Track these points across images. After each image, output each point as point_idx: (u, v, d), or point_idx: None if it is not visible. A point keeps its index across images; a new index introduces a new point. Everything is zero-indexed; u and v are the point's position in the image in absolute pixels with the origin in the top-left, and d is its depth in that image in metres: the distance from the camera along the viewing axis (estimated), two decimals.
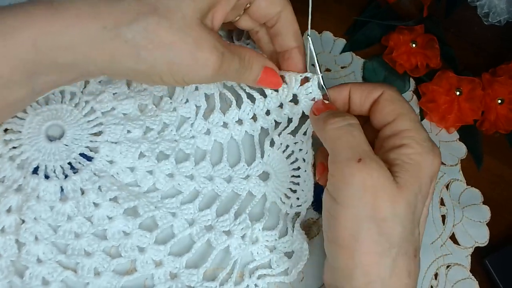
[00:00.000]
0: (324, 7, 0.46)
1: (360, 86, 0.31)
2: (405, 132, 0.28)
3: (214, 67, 0.27)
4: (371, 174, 0.26)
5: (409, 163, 0.27)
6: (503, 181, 0.42)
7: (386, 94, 0.30)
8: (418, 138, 0.28)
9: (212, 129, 0.36)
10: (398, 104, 0.29)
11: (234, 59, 0.29)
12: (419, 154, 0.28)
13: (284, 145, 0.34)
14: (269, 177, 0.35)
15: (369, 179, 0.26)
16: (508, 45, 0.47)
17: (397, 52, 0.43)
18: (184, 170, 0.35)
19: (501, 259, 0.37)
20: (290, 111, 0.34)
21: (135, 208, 0.33)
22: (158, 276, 0.32)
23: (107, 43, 0.25)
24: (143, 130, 0.35)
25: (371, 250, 0.26)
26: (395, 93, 0.30)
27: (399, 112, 0.29)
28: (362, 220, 0.26)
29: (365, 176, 0.26)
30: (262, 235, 0.34)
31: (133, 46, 0.25)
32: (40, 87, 0.27)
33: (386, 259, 0.26)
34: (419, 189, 0.27)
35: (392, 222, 0.26)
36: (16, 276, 0.30)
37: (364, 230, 0.26)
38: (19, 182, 0.32)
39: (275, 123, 0.36)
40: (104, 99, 0.35)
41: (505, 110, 0.42)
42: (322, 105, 0.32)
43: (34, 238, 0.31)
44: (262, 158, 0.35)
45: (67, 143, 0.34)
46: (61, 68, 0.26)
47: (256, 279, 0.33)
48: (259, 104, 0.35)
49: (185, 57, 0.26)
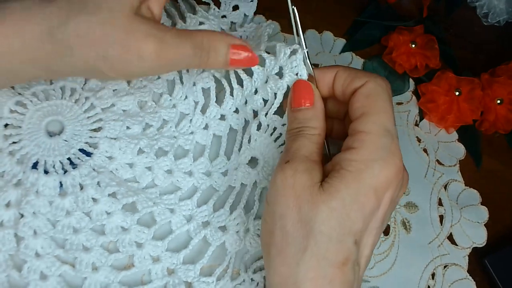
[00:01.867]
0: (324, 7, 0.46)
1: (346, 71, 0.29)
2: (361, 134, 0.26)
3: (151, 56, 0.26)
4: (292, 174, 0.26)
5: (346, 170, 0.25)
6: (502, 181, 0.42)
7: (365, 87, 0.27)
8: (372, 144, 0.26)
9: (210, 123, 0.36)
10: (370, 100, 0.27)
11: (183, 45, 0.27)
12: (363, 161, 0.25)
13: (272, 127, 0.33)
14: (258, 162, 0.35)
15: (289, 178, 0.26)
16: (507, 45, 0.47)
17: (397, 52, 0.43)
18: (183, 166, 0.35)
19: (500, 259, 0.37)
20: (275, 85, 0.32)
21: (133, 204, 0.33)
22: (156, 271, 0.32)
23: (46, 46, 0.26)
24: (142, 126, 0.35)
25: (282, 250, 0.26)
26: (377, 87, 0.27)
27: (366, 110, 0.26)
28: (278, 218, 0.26)
29: (286, 175, 0.26)
30: (253, 225, 0.34)
31: (67, 46, 0.26)
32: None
33: (297, 263, 0.25)
34: (353, 198, 0.25)
35: (307, 225, 0.25)
36: (14, 270, 0.30)
37: (278, 228, 0.26)
38: (18, 176, 0.32)
39: (263, 102, 0.34)
40: (104, 95, 0.35)
41: (505, 110, 0.42)
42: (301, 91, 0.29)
43: (33, 233, 0.31)
44: (249, 144, 0.34)
45: (67, 138, 0.34)
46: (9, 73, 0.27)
47: (252, 273, 0.33)
48: (247, 85, 0.34)
49: (116, 49, 0.26)
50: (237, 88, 0.35)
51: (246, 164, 0.35)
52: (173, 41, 0.27)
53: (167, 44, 0.27)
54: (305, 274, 0.25)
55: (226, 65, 0.30)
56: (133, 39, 0.26)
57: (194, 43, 0.28)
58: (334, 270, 0.25)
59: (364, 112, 0.26)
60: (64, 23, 0.26)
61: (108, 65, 0.26)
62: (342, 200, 0.25)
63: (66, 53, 0.26)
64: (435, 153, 0.42)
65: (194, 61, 0.28)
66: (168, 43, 0.27)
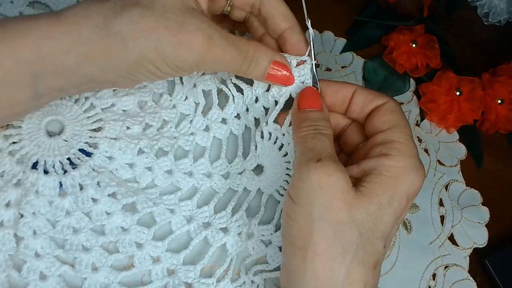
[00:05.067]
0: (324, 7, 0.46)
1: (365, 89, 0.31)
2: (395, 143, 0.28)
3: (199, 49, 0.27)
4: (329, 173, 0.26)
5: (384, 176, 0.27)
6: (503, 181, 0.41)
7: (389, 104, 0.30)
8: (406, 152, 0.27)
9: (211, 125, 0.36)
10: (397, 116, 0.29)
11: (229, 48, 0.28)
12: (400, 168, 0.27)
13: (274, 136, 0.34)
14: (263, 170, 0.35)
15: (326, 178, 0.26)
16: (508, 45, 0.47)
17: (397, 52, 0.43)
18: (183, 166, 0.35)
19: (501, 260, 0.37)
20: (277, 92, 0.32)
21: (133, 204, 0.33)
22: (156, 272, 0.32)
23: (100, 40, 0.27)
24: (142, 126, 0.35)
25: (323, 253, 0.25)
26: (397, 105, 0.30)
27: (396, 123, 0.29)
28: (317, 220, 0.25)
29: (323, 175, 0.26)
30: (258, 230, 0.34)
31: (122, 38, 0.27)
32: (44, 91, 0.28)
33: (339, 266, 0.25)
34: (388, 202, 0.26)
35: (348, 227, 0.25)
36: (14, 270, 0.30)
37: (317, 230, 0.25)
38: (18, 176, 0.32)
39: (264, 110, 0.34)
40: (104, 95, 0.35)
41: (505, 110, 0.42)
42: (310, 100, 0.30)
43: (33, 233, 0.31)
44: (256, 151, 0.35)
45: (67, 138, 0.34)
46: (64, 71, 0.27)
47: (252, 275, 0.33)
48: (247, 93, 0.34)
49: (169, 41, 0.27)
50: (238, 95, 0.35)
51: (252, 170, 0.35)
52: (221, 41, 0.28)
53: (215, 42, 0.28)
54: (346, 277, 0.25)
55: (262, 78, 0.31)
56: (185, 31, 0.27)
57: (239, 50, 0.29)
58: (368, 273, 0.26)
59: (395, 124, 0.29)
60: (119, 15, 0.27)
61: (160, 56, 0.27)
62: (379, 204, 0.26)
63: (120, 47, 0.27)
64: (436, 153, 0.42)
65: (235, 67, 0.29)
66: (216, 42, 0.28)
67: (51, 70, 0.27)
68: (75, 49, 0.27)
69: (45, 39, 0.26)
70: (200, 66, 0.29)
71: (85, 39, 0.27)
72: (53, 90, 0.28)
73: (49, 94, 0.29)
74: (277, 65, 0.30)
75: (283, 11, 0.31)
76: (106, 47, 0.27)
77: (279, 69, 0.30)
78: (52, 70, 0.27)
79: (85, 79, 0.28)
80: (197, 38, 0.27)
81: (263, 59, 0.30)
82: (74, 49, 0.27)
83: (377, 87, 0.43)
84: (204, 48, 0.27)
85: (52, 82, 0.28)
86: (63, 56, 0.27)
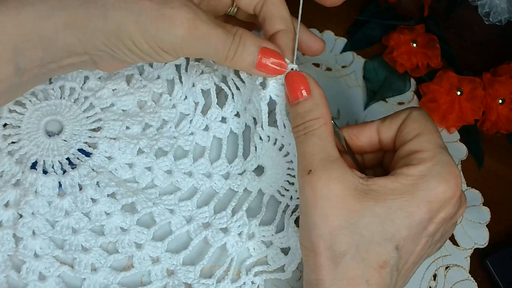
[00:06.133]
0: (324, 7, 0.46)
1: (385, 119, 0.30)
2: (418, 153, 0.27)
3: (184, 25, 0.26)
4: (322, 185, 0.26)
5: (399, 183, 0.26)
6: (504, 182, 0.41)
7: (412, 114, 0.29)
8: (430, 160, 0.26)
9: (211, 124, 0.36)
10: (420, 124, 0.28)
11: (215, 27, 0.27)
12: (421, 176, 0.26)
13: (273, 139, 0.33)
14: (264, 171, 0.35)
15: (319, 190, 0.26)
16: (509, 44, 0.47)
17: (398, 52, 0.43)
18: (183, 167, 0.35)
19: (502, 260, 0.37)
20: (257, 95, 0.30)
21: (133, 204, 0.33)
22: (155, 272, 0.32)
23: (80, 6, 0.26)
24: (142, 126, 0.35)
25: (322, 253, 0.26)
26: (421, 112, 0.29)
27: (419, 131, 0.27)
28: (313, 228, 0.26)
29: (316, 187, 0.26)
30: (259, 230, 0.34)
31: (102, 5, 0.26)
32: (25, 64, 0.27)
33: (336, 265, 0.26)
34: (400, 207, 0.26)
35: (347, 230, 0.26)
36: (13, 270, 0.30)
37: (316, 236, 0.26)
38: (17, 176, 0.32)
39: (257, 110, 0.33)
40: (104, 95, 0.35)
41: (506, 110, 0.42)
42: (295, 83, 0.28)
43: (32, 233, 0.31)
44: (256, 152, 0.34)
45: (66, 138, 0.34)
46: (42, 40, 0.27)
47: (253, 276, 0.33)
48: (244, 92, 0.34)
49: (151, 14, 0.26)
50: (237, 93, 0.35)
51: (252, 171, 0.35)
52: (207, 20, 0.27)
53: (201, 20, 0.26)
54: (344, 273, 0.26)
55: (252, 67, 0.28)
56: (168, 6, 0.26)
57: (226, 32, 0.27)
58: (371, 271, 0.26)
59: (418, 133, 0.27)
60: None
61: (140, 31, 0.26)
62: (388, 208, 0.26)
63: (99, 14, 0.26)
64: None
65: (222, 52, 0.28)
66: (202, 20, 0.26)
67: (30, 39, 0.26)
68: (53, 14, 0.26)
69: (23, 5, 0.26)
70: (184, 47, 0.27)
71: (65, 6, 0.26)
72: (33, 63, 0.27)
73: (31, 69, 0.28)
74: (267, 52, 0.28)
75: (282, 14, 0.30)
76: (85, 14, 0.26)
77: (269, 57, 0.28)
78: (31, 40, 0.26)
79: (64, 50, 0.27)
80: (181, 13, 0.26)
81: (251, 43, 0.28)
82: (53, 14, 0.26)
83: (377, 87, 0.43)
84: (188, 24, 0.26)
85: (32, 53, 0.27)
86: (42, 23, 0.26)
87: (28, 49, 0.27)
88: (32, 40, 0.26)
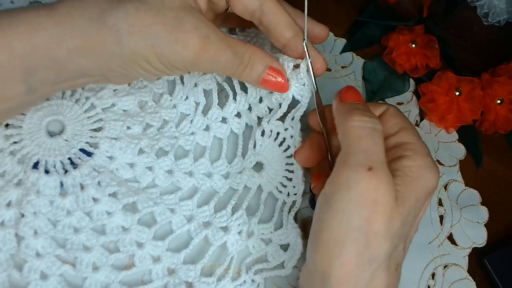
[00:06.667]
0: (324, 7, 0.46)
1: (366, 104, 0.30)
2: (408, 144, 0.28)
3: (195, 48, 0.27)
4: (377, 187, 0.24)
5: (409, 176, 0.26)
6: (502, 181, 0.42)
7: (391, 110, 0.30)
8: (420, 152, 0.28)
9: (211, 124, 0.36)
10: (401, 119, 0.29)
11: (225, 49, 0.28)
12: (419, 167, 0.27)
13: (275, 133, 0.34)
14: (263, 167, 0.35)
15: (373, 192, 0.24)
16: (507, 45, 0.47)
17: (397, 52, 0.43)
18: (183, 166, 0.35)
19: (500, 259, 0.37)
20: (280, 95, 0.32)
21: (134, 203, 0.33)
22: (156, 271, 0.32)
23: (94, 33, 0.26)
24: (143, 126, 0.35)
25: (352, 261, 0.25)
26: (398, 110, 0.30)
27: (403, 126, 0.29)
28: (351, 229, 0.25)
29: (371, 187, 0.24)
30: (258, 228, 0.34)
31: (116, 31, 0.26)
32: (37, 84, 0.28)
33: (365, 272, 0.25)
34: (414, 204, 0.26)
35: (383, 238, 0.25)
36: (15, 269, 0.30)
37: (351, 240, 0.25)
38: (19, 176, 0.32)
39: (268, 110, 0.35)
40: (105, 95, 0.35)
41: (505, 110, 0.42)
42: (352, 93, 0.29)
43: (34, 232, 0.31)
44: (254, 149, 0.35)
45: (67, 138, 0.34)
46: (55, 64, 0.27)
47: (253, 274, 0.33)
48: (252, 92, 0.35)
49: (165, 37, 0.26)
50: (241, 93, 0.35)
51: (251, 168, 0.35)
52: (217, 42, 0.28)
53: (211, 42, 0.27)
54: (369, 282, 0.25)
55: (257, 83, 0.30)
56: (182, 29, 0.27)
57: (235, 52, 0.28)
58: (389, 277, 0.26)
59: (402, 127, 0.29)
60: (115, 8, 0.26)
61: (155, 53, 0.27)
62: (408, 207, 0.26)
63: (114, 41, 0.26)
64: (435, 153, 0.42)
65: (230, 69, 0.29)
66: (212, 42, 0.27)
67: (42, 63, 0.26)
68: (66, 40, 0.26)
69: (35, 30, 0.26)
70: (194, 66, 0.28)
71: (78, 31, 0.26)
72: (46, 84, 0.28)
73: (42, 88, 0.28)
74: (273, 71, 0.30)
75: (285, 20, 0.30)
76: (99, 40, 0.26)
77: (274, 75, 0.30)
78: (43, 63, 0.26)
79: (77, 72, 0.28)
80: (193, 37, 0.27)
81: (259, 64, 0.29)
82: (66, 40, 0.26)
83: (377, 87, 0.43)
84: (199, 47, 0.27)
85: (44, 75, 0.27)
86: (54, 48, 0.26)
87: (40, 71, 0.27)
88: (45, 63, 0.27)
